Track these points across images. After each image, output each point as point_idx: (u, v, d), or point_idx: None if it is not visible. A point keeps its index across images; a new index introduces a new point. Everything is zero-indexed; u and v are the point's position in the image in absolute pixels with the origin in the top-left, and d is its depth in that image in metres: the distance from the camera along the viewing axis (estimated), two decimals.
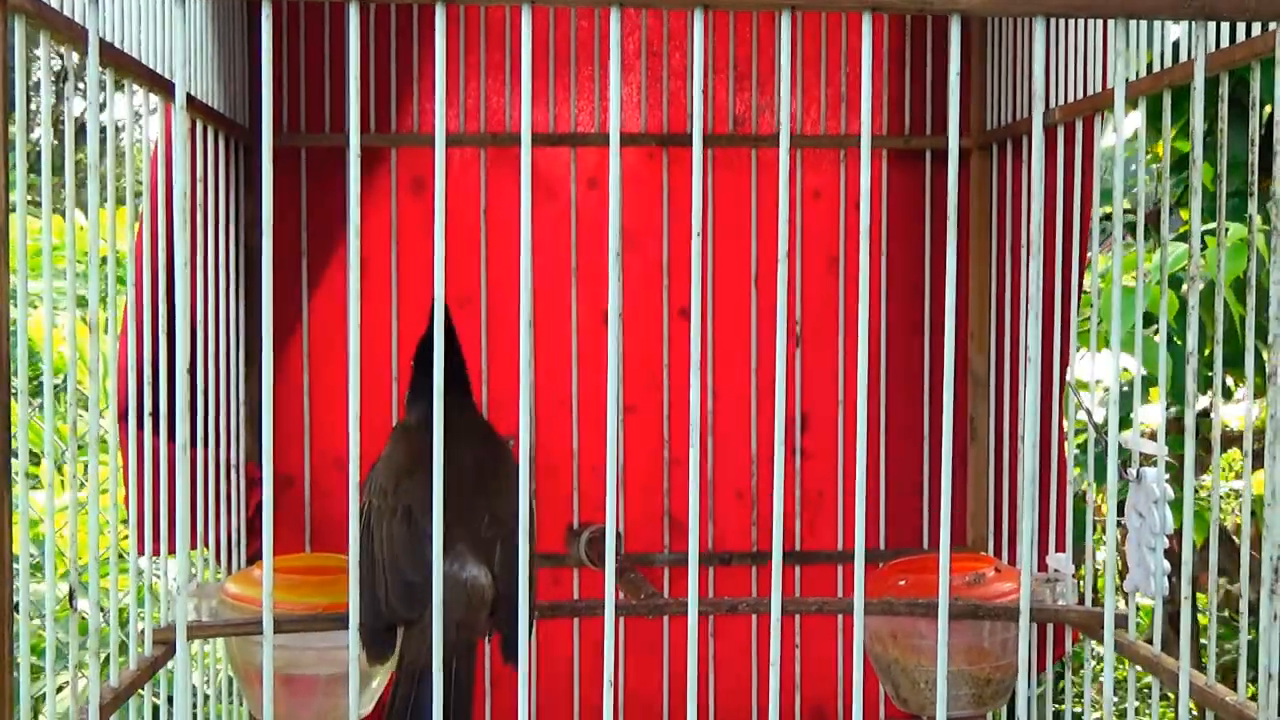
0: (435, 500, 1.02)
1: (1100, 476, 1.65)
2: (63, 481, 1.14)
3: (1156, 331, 2.06)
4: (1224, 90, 1.25)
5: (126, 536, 1.39)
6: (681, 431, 1.88)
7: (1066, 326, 1.57)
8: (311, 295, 1.87)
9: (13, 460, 1.00)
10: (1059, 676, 2.15)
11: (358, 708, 1.06)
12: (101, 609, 1.20)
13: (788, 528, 1.84)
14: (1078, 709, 1.52)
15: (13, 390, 1.00)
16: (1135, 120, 1.79)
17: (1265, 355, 1.09)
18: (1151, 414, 2.21)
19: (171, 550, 1.37)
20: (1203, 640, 2.40)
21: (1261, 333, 1.12)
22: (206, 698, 1.60)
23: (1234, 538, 2.73)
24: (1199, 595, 2.52)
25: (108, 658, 1.27)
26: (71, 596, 1.11)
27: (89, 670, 1.12)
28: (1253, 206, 1.23)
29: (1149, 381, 1.94)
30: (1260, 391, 1.16)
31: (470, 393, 1.41)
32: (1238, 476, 2.99)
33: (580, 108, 1.89)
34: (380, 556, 1.23)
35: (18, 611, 1.02)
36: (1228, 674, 1.31)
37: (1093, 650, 1.49)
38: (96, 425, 1.12)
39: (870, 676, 1.56)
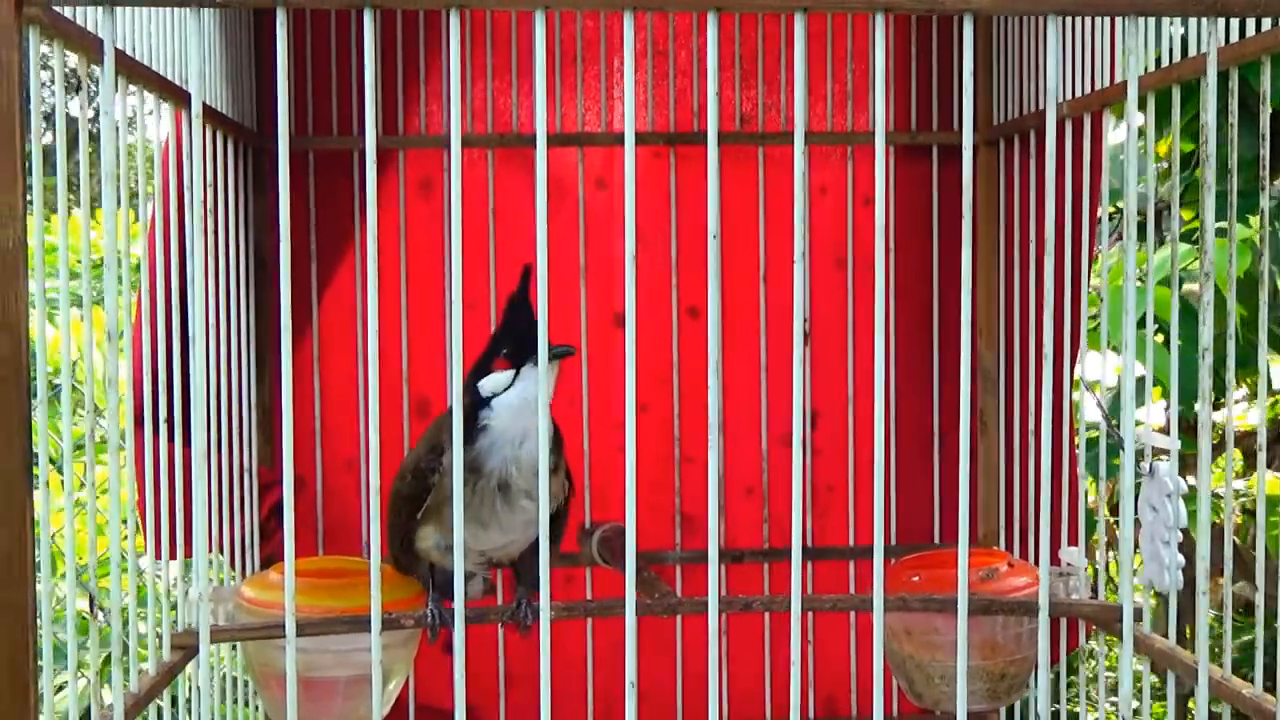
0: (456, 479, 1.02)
1: (1108, 473, 1.65)
2: (81, 484, 1.15)
3: (1159, 330, 2.07)
4: (1234, 84, 1.26)
5: (140, 539, 1.39)
6: (692, 430, 1.89)
7: (1076, 322, 1.58)
8: (321, 297, 1.87)
9: (33, 467, 1.01)
10: (1065, 672, 2.15)
11: (380, 709, 1.07)
12: (122, 614, 1.21)
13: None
14: (1087, 708, 1.52)
15: (33, 399, 1.00)
16: (1143, 116, 1.79)
17: (1275, 359, 1.10)
18: (1157, 413, 2.22)
19: (187, 554, 1.37)
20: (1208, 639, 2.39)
21: (1273, 338, 1.13)
22: (222, 700, 1.60)
23: (1235, 538, 2.73)
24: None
25: (128, 662, 1.27)
26: (92, 603, 1.11)
27: (112, 676, 1.12)
28: (1263, 202, 1.24)
29: (1155, 380, 1.95)
30: (1265, 391, 1.17)
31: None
32: (1239, 476, 3.00)
33: (587, 107, 1.89)
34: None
35: (39, 618, 1.03)
36: (1237, 670, 1.31)
37: (1103, 649, 1.49)
38: (116, 430, 1.12)
39: (884, 671, 1.56)
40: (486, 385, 1.31)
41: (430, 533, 1.37)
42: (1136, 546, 1.29)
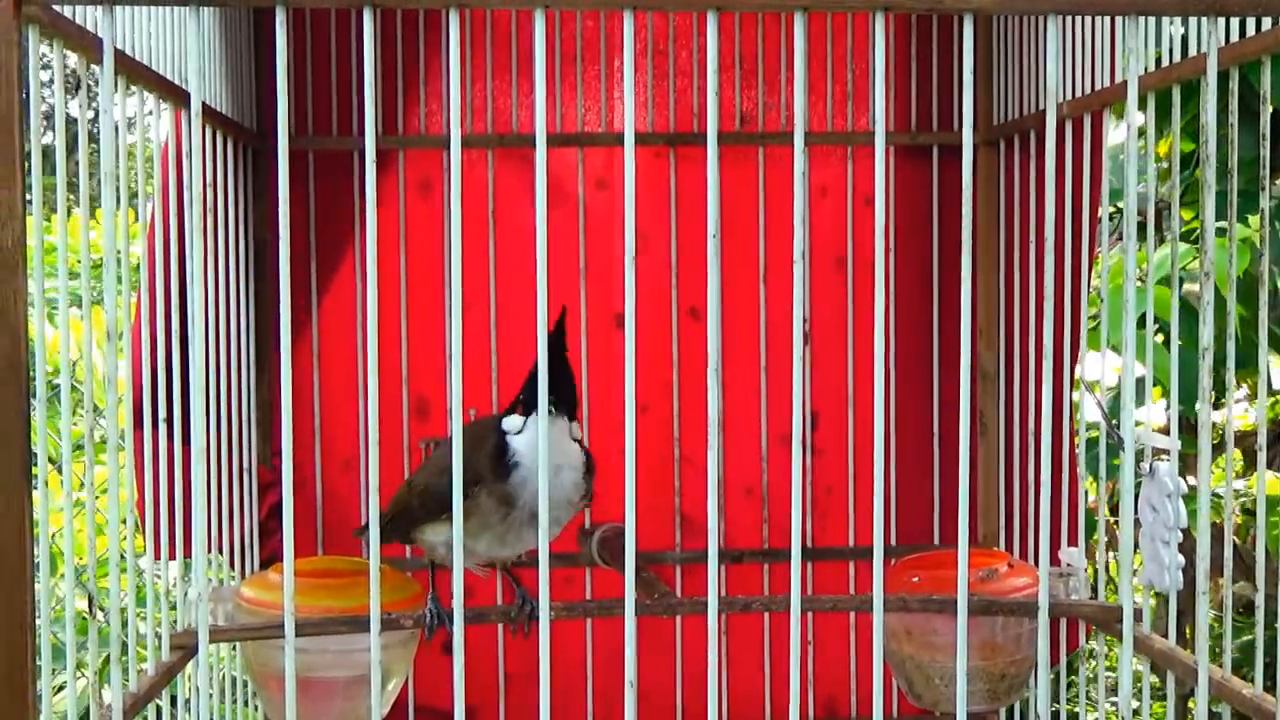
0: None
1: (1107, 473, 1.65)
2: (81, 484, 1.14)
3: (1159, 330, 2.07)
4: (1234, 85, 1.25)
5: (140, 539, 1.39)
6: (692, 431, 1.89)
7: (1076, 322, 1.58)
8: (321, 297, 1.87)
9: (32, 467, 1.01)
10: (1065, 672, 2.15)
11: (379, 709, 1.07)
12: (121, 613, 1.21)
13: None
14: (1086, 708, 1.52)
15: (32, 398, 1.00)
16: (1143, 116, 1.79)
17: (1275, 359, 1.10)
18: (1157, 413, 2.21)
19: (186, 554, 1.37)
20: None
21: (1273, 338, 1.13)
22: (221, 700, 1.60)
23: (1235, 538, 2.73)
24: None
25: (127, 663, 1.27)
26: (91, 603, 1.11)
27: (111, 676, 1.12)
28: (1263, 202, 1.24)
29: (1155, 380, 1.94)
30: (1266, 391, 1.17)
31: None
32: (1240, 476, 3.00)
33: (587, 107, 1.89)
34: None
35: (38, 617, 1.03)
36: (1237, 670, 1.31)
37: (1104, 649, 1.49)
38: (115, 429, 1.12)
39: (883, 671, 1.56)
40: (509, 424, 1.31)
41: (444, 529, 1.36)
42: (1136, 547, 1.29)
